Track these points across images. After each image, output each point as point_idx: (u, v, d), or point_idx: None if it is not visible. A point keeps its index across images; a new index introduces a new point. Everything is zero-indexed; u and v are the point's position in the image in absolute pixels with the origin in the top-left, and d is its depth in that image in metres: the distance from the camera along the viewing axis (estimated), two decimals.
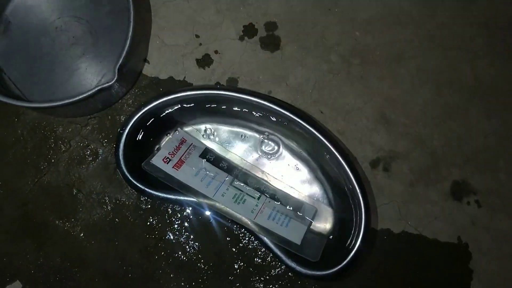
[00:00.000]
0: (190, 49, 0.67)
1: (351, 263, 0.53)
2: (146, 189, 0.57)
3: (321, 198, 0.61)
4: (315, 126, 0.57)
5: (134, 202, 0.64)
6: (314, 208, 0.59)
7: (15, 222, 0.64)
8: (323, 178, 0.61)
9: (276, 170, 0.62)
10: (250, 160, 0.62)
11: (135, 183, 0.57)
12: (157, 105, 0.58)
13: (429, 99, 0.66)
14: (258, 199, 0.57)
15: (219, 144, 0.63)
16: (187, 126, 0.63)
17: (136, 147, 0.59)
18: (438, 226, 0.63)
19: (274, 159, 0.62)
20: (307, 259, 0.55)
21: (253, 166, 0.62)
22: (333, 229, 0.59)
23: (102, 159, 0.65)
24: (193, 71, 0.67)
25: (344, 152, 0.56)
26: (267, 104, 0.57)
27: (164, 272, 0.62)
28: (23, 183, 0.64)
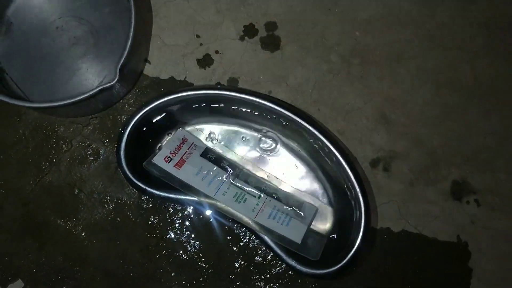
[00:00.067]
0: (190, 49, 0.67)
1: (351, 262, 0.53)
2: (147, 188, 0.57)
3: (321, 197, 0.61)
4: (315, 126, 0.57)
5: (135, 201, 0.64)
6: (314, 207, 0.59)
7: (16, 221, 0.64)
8: (323, 178, 0.61)
9: (277, 169, 0.62)
10: (250, 159, 0.62)
11: (137, 182, 0.57)
12: (158, 105, 0.58)
13: (429, 99, 0.67)
14: (259, 198, 0.57)
15: (221, 144, 0.63)
16: (188, 125, 0.63)
17: (137, 147, 0.59)
18: (437, 225, 0.64)
19: (273, 157, 0.62)
20: (307, 258, 0.55)
21: (254, 165, 0.62)
22: (333, 228, 0.60)
23: (104, 159, 0.65)
24: (194, 71, 0.67)
25: (344, 152, 0.57)
26: (267, 104, 0.57)
27: (165, 271, 0.63)
28: (24, 182, 0.65)
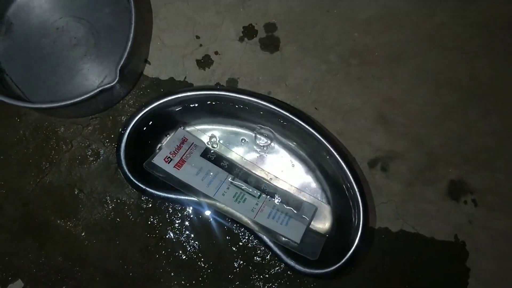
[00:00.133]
0: (190, 50, 0.67)
1: (349, 262, 0.54)
2: (147, 188, 0.57)
3: (320, 197, 0.61)
4: (314, 126, 0.57)
5: (135, 201, 0.64)
6: (314, 207, 0.60)
7: (16, 221, 0.64)
8: (322, 178, 0.61)
9: (276, 169, 0.62)
10: (250, 159, 0.63)
11: (136, 182, 0.57)
12: (158, 105, 0.58)
13: (428, 99, 0.67)
14: (258, 198, 0.58)
15: (221, 144, 0.63)
16: (188, 125, 0.63)
17: (137, 147, 0.59)
18: (435, 225, 0.64)
19: (273, 157, 0.62)
20: (306, 258, 0.55)
21: (253, 165, 0.62)
22: (332, 228, 0.60)
23: (104, 159, 0.65)
24: (194, 72, 0.67)
25: (343, 152, 0.57)
26: (266, 105, 0.58)
27: (165, 271, 0.63)
28: (25, 182, 0.65)
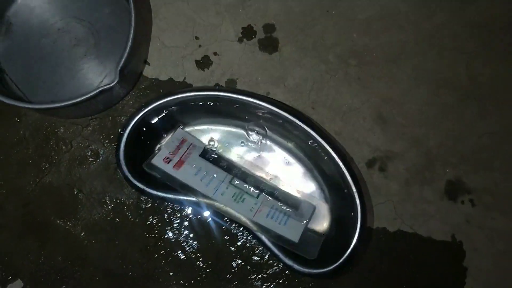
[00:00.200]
0: (189, 51, 0.68)
1: (347, 262, 0.54)
2: (146, 188, 0.57)
3: (318, 197, 0.62)
4: (312, 127, 0.57)
5: (134, 201, 0.64)
6: (312, 206, 0.60)
7: (17, 221, 0.64)
8: (320, 178, 0.62)
9: (274, 169, 0.63)
10: (249, 159, 0.63)
11: (135, 183, 0.57)
12: (157, 106, 0.58)
13: (426, 99, 0.67)
14: (257, 197, 0.58)
15: (220, 144, 0.63)
16: (187, 126, 0.63)
17: (136, 147, 0.59)
18: (433, 224, 0.64)
19: (272, 157, 0.63)
20: (303, 258, 0.55)
21: (252, 165, 0.62)
22: (330, 227, 0.60)
23: (103, 159, 0.66)
24: (193, 72, 0.67)
25: (341, 152, 0.57)
26: (265, 105, 0.58)
27: (164, 271, 0.63)
28: (25, 183, 0.65)
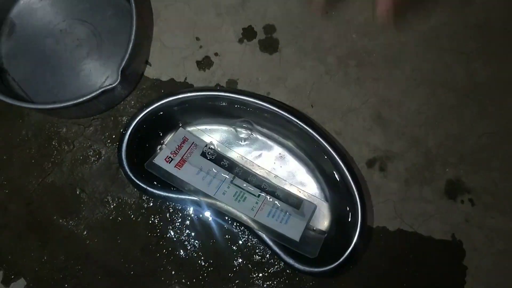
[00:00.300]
0: (190, 52, 0.68)
1: (348, 260, 0.54)
2: (148, 188, 0.58)
3: (319, 196, 0.62)
4: (312, 127, 0.58)
5: (136, 201, 0.65)
6: (313, 205, 0.60)
7: (19, 220, 0.65)
8: (321, 177, 0.62)
9: (275, 168, 0.63)
10: (250, 158, 0.63)
11: (138, 182, 0.57)
12: (158, 106, 0.59)
13: (425, 100, 0.67)
14: (258, 196, 0.58)
15: (221, 144, 0.64)
16: (189, 125, 0.64)
17: (138, 147, 0.60)
18: (433, 224, 0.64)
19: (272, 156, 0.63)
20: (304, 256, 0.55)
21: (253, 164, 0.63)
22: (331, 226, 0.60)
23: (105, 159, 0.66)
24: (194, 73, 0.68)
25: (341, 152, 0.58)
26: (266, 105, 0.58)
27: (166, 270, 0.63)
28: (27, 182, 0.65)
